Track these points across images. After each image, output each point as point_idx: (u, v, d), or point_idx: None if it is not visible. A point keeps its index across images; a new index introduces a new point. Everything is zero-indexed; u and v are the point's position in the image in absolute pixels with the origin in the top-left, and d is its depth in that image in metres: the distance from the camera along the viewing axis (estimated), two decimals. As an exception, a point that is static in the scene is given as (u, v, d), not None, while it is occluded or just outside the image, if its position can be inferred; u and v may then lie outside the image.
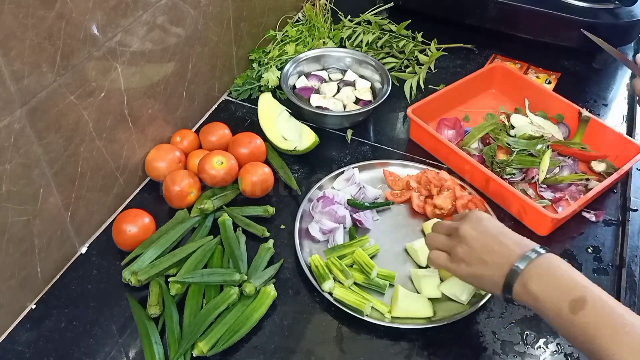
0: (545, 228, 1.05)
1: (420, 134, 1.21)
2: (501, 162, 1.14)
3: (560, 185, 1.12)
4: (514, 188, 1.07)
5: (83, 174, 0.95)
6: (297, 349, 0.90)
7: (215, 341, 0.87)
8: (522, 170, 1.13)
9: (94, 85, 0.91)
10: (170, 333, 0.88)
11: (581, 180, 1.12)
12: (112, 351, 0.88)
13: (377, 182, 1.14)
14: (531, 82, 1.30)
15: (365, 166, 1.15)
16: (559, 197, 1.10)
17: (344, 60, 1.35)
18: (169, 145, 1.12)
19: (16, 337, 0.89)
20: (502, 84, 1.34)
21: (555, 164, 1.13)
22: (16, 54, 0.76)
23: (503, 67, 1.33)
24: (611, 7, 1.35)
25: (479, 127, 1.20)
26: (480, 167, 1.10)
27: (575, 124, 1.21)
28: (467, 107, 1.31)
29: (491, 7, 1.41)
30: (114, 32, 0.92)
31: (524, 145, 1.15)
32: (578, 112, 1.21)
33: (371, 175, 1.15)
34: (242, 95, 1.31)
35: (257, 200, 1.09)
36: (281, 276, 0.99)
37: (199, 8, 1.11)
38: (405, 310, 0.92)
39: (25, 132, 0.81)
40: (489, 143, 1.18)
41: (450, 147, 1.13)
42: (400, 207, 1.11)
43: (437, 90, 1.27)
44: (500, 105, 1.30)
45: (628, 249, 1.04)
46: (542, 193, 1.11)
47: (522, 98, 1.29)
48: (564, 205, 1.09)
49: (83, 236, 1.01)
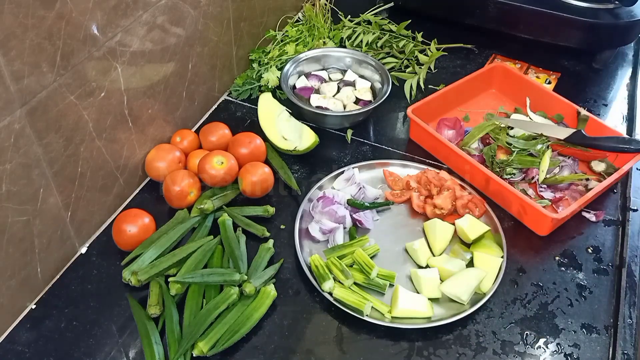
0: (545, 228, 1.05)
1: (420, 134, 1.21)
2: (501, 162, 1.14)
3: (561, 185, 1.11)
4: (514, 188, 1.07)
5: (83, 174, 0.95)
6: (297, 349, 0.90)
7: (215, 341, 0.87)
8: (522, 170, 1.13)
9: (94, 85, 0.91)
10: (170, 333, 0.88)
11: (581, 180, 1.12)
12: (112, 351, 0.88)
13: (377, 182, 1.14)
14: (531, 82, 1.30)
15: (365, 166, 1.15)
16: (559, 197, 1.10)
17: (344, 60, 1.35)
18: (169, 145, 1.12)
19: (16, 337, 0.89)
20: (502, 84, 1.34)
21: (555, 164, 1.13)
22: (16, 54, 0.76)
23: (503, 67, 1.33)
24: (611, 7, 1.35)
25: (479, 127, 1.20)
26: (480, 167, 1.10)
27: (575, 124, 1.21)
28: (467, 107, 1.31)
29: (491, 7, 1.41)
30: (114, 32, 0.92)
31: (523, 145, 1.15)
32: (577, 111, 1.21)
33: (371, 175, 1.15)
34: (242, 95, 1.31)
35: (257, 200, 1.09)
36: (281, 276, 0.99)
37: (199, 8, 1.11)
38: (405, 310, 0.92)
39: (25, 132, 0.81)
40: (489, 143, 1.18)
41: (450, 147, 1.13)
42: (400, 207, 1.11)
43: (437, 90, 1.27)
44: (500, 105, 1.31)
45: (628, 249, 1.04)
46: (542, 193, 1.11)
47: (521, 98, 1.29)
48: (564, 205, 1.09)
49: (83, 236, 1.01)
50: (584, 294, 0.98)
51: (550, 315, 0.95)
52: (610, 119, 1.32)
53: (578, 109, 1.21)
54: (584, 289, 0.99)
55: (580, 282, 1.00)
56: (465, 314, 0.92)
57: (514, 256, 1.03)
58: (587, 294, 0.98)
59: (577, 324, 0.94)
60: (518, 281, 1.00)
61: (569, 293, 0.98)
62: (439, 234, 1.03)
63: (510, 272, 1.01)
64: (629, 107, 1.36)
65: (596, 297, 0.98)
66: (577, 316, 0.95)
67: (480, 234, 1.03)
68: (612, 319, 0.95)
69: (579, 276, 1.01)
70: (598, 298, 0.98)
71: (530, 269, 1.02)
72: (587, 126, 1.19)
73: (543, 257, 1.04)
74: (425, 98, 1.23)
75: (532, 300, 0.97)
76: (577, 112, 1.21)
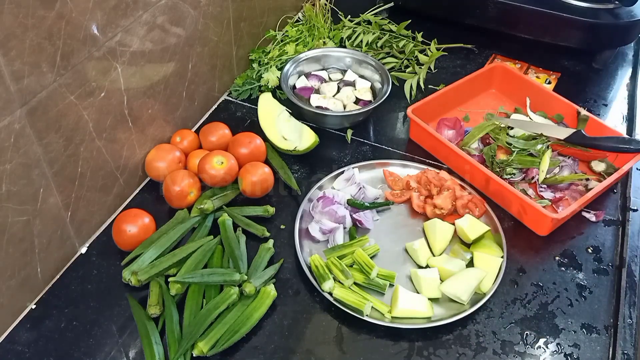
0: (545, 228, 1.05)
1: (420, 134, 1.21)
2: (501, 162, 1.14)
3: (560, 185, 1.11)
4: (514, 188, 1.07)
5: (83, 174, 0.95)
6: (297, 349, 0.90)
7: (215, 341, 0.87)
8: (522, 170, 1.13)
9: (94, 85, 0.91)
10: (170, 333, 0.88)
11: (581, 180, 1.12)
12: (112, 351, 0.88)
13: (377, 182, 1.14)
14: (531, 82, 1.30)
15: (365, 166, 1.15)
16: (559, 197, 1.10)
17: (344, 60, 1.35)
18: (169, 145, 1.12)
19: (16, 337, 0.89)
20: (502, 83, 1.34)
21: (555, 164, 1.13)
22: (16, 54, 0.76)
23: (503, 67, 1.33)
24: (611, 7, 1.35)
25: (479, 127, 1.20)
26: (480, 167, 1.10)
27: (575, 124, 1.21)
28: (467, 107, 1.31)
29: (491, 7, 1.41)
30: (114, 32, 0.92)
31: (523, 145, 1.15)
32: (577, 111, 1.21)
33: (371, 175, 1.15)
34: (242, 95, 1.31)
35: (257, 200, 1.09)
36: (281, 276, 0.99)
37: (199, 8, 1.11)
38: (405, 310, 0.92)
39: (25, 132, 0.81)
40: (489, 143, 1.18)
41: (450, 147, 1.13)
42: (400, 207, 1.11)
43: (437, 90, 1.27)
44: (500, 105, 1.31)
45: (628, 249, 1.04)
46: (542, 193, 1.11)
47: (521, 98, 1.29)
48: (564, 205, 1.09)
49: (83, 236, 1.01)
50: (584, 294, 0.98)
51: (550, 315, 0.95)
52: (610, 119, 1.32)
53: (578, 109, 1.21)
54: (584, 289, 0.99)
55: (580, 282, 1.00)
56: (465, 314, 0.92)
57: (514, 256, 1.03)
58: (587, 294, 0.98)
59: (577, 324, 0.94)
60: (518, 281, 1.00)
61: (569, 293, 0.98)
62: (439, 234, 1.03)
63: (510, 272, 1.01)
64: (629, 107, 1.36)
65: (596, 297, 0.98)
66: (577, 316, 0.95)
67: (480, 234, 1.03)
68: (612, 319, 0.95)
69: (579, 276, 1.01)
70: (598, 298, 0.98)
71: (530, 269, 1.02)
72: (587, 126, 1.19)
73: (543, 257, 1.04)
74: (425, 98, 1.23)
75: (532, 300, 0.97)
76: (577, 112, 1.21)
